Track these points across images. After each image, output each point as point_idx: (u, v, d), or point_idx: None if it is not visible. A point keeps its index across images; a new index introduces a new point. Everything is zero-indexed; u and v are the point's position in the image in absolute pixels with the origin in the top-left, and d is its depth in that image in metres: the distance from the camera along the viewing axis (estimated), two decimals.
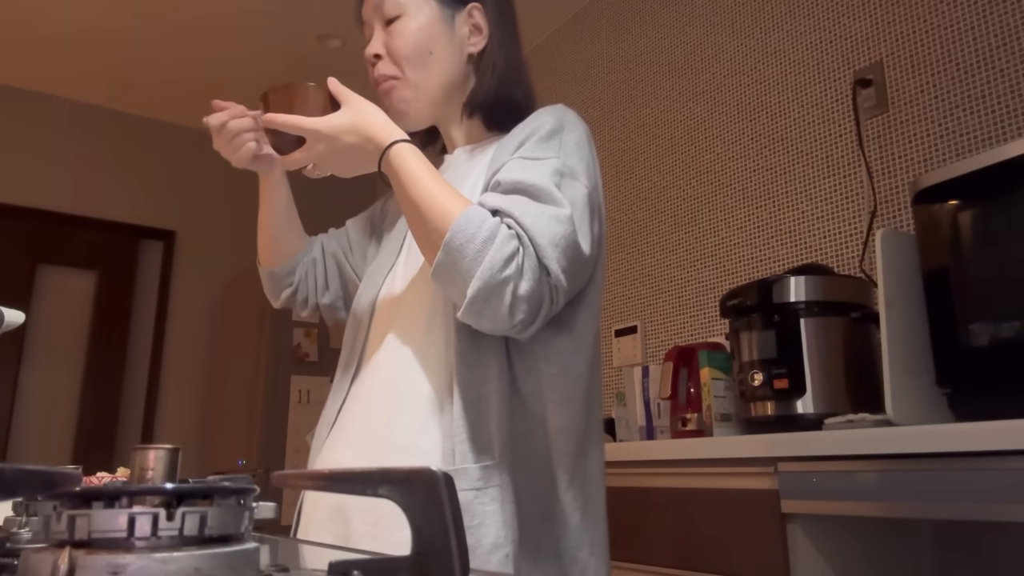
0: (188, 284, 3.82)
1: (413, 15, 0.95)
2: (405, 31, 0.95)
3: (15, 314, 0.77)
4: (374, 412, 0.88)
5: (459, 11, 0.98)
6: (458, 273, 0.75)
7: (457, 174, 0.98)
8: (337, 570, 0.36)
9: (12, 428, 3.34)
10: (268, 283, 1.11)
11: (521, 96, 0.99)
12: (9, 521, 0.44)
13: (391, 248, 1.02)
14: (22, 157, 3.51)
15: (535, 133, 0.88)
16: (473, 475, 0.76)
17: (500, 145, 0.92)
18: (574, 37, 3.03)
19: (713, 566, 1.32)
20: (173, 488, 0.33)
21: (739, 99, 2.27)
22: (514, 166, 0.83)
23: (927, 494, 1.03)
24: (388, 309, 0.95)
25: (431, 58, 0.95)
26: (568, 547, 0.82)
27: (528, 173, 0.81)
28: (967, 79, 1.70)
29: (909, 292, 1.30)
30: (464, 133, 1.02)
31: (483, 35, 0.98)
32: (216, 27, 3.13)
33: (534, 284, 0.75)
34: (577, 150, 0.88)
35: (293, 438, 3.23)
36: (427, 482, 0.35)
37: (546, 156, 0.85)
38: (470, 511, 0.75)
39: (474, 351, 0.81)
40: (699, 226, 2.33)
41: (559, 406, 0.84)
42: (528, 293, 0.75)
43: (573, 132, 0.90)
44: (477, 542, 0.74)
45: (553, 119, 0.90)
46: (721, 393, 1.70)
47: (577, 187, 0.84)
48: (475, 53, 0.98)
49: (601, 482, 0.89)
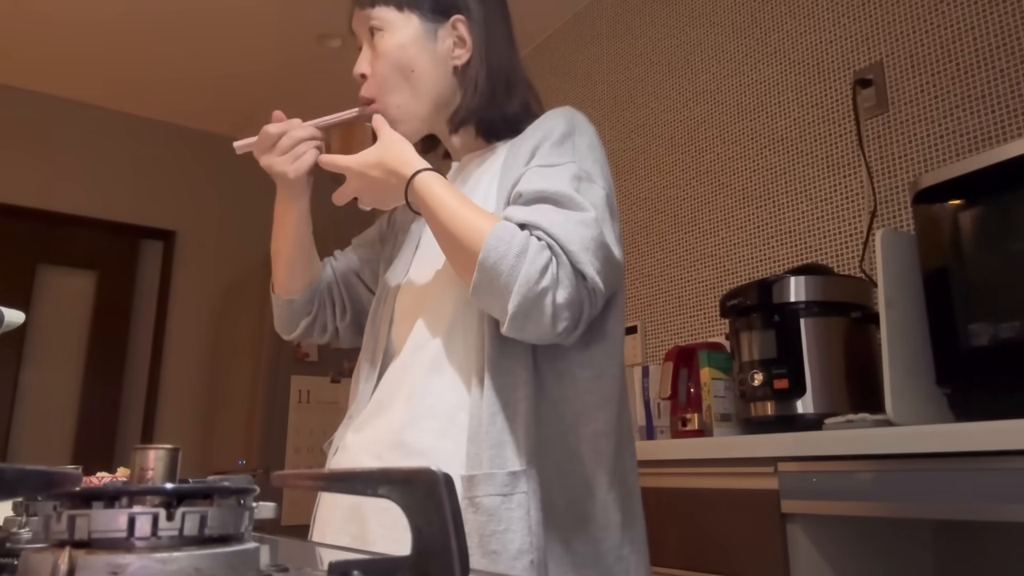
0: (188, 284, 3.82)
1: (395, 31, 0.95)
2: (387, 50, 0.95)
3: (15, 314, 0.77)
4: (395, 418, 0.88)
5: (442, 24, 0.97)
6: (496, 290, 0.76)
7: (468, 179, 0.98)
8: (337, 570, 0.36)
9: (12, 428, 3.34)
10: (285, 313, 1.09)
11: (516, 107, 0.98)
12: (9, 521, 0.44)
13: (406, 255, 1.02)
14: (22, 157, 3.51)
15: (547, 138, 0.88)
16: (500, 481, 0.76)
17: (512, 150, 0.92)
18: (574, 37, 3.03)
19: (713, 566, 1.32)
20: (173, 488, 0.33)
21: (739, 99, 2.27)
22: (533, 175, 0.84)
23: (927, 494, 1.03)
24: (406, 315, 0.95)
25: (414, 76, 0.95)
26: (612, 547, 0.82)
27: (548, 181, 0.82)
28: (967, 79, 1.70)
29: (909, 292, 1.30)
30: (460, 144, 1.02)
31: (467, 48, 0.97)
32: (216, 27, 3.13)
33: (572, 291, 0.77)
34: (590, 153, 0.88)
35: (293, 438, 3.23)
36: (427, 482, 0.35)
37: (562, 161, 0.85)
38: (496, 516, 0.75)
39: (504, 358, 0.81)
40: (699, 226, 2.33)
41: (597, 409, 0.84)
42: (568, 300, 0.76)
43: (585, 135, 0.90)
44: (503, 547, 0.74)
45: (564, 122, 0.90)
46: (721, 393, 1.70)
47: (596, 190, 0.85)
48: (459, 66, 0.97)
49: (636, 481, 0.89)
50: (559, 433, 0.82)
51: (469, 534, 0.73)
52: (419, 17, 0.96)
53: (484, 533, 0.74)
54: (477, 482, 0.76)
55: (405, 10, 0.95)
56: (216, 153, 4.01)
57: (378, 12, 0.95)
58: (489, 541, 0.74)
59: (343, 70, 1.10)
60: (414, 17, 0.95)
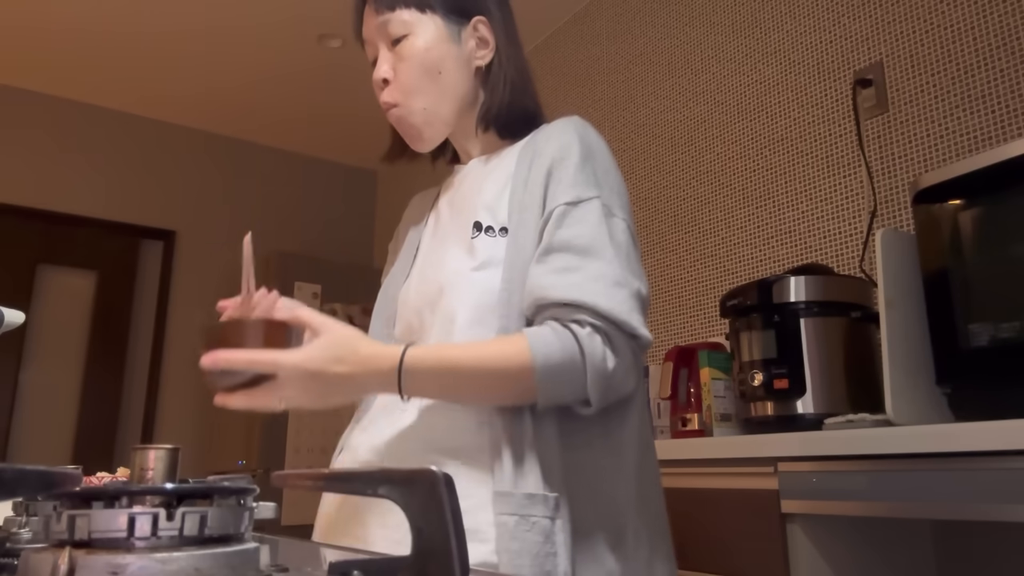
0: (188, 284, 3.82)
1: (420, 33, 0.94)
2: (413, 52, 0.93)
3: (15, 314, 0.77)
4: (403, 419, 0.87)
5: (464, 25, 0.96)
6: (568, 395, 0.78)
7: (473, 184, 0.97)
8: (337, 570, 0.36)
9: (12, 428, 3.34)
10: None
11: (532, 104, 0.99)
12: (9, 521, 0.44)
13: (405, 261, 1.02)
14: (22, 157, 3.51)
15: (565, 159, 0.87)
16: (551, 504, 0.76)
17: (522, 159, 0.91)
18: (574, 37, 3.03)
19: (713, 566, 1.32)
20: (173, 488, 0.33)
21: (739, 99, 2.27)
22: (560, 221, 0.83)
23: (927, 494, 1.03)
24: (411, 321, 0.94)
25: (441, 78, 0.94)
26: (641, 557, 0.82)
27: (574, 230, 0.83)
28: (967, 79, 1.70)
29: (909, 292, 1.30)
30: (479, 145, 1.01)
31: (490, 47, 0.97)
32: (216, 27, 3.13)
33: (629, 355, 0.80)
34: (607, 178, 0.88)
35: (293, 438, 3.23)
36: (427, 482, 0.35)
37: (587, 196, 0.85)
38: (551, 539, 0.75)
39: None
40: (699, 226, 2.33)
41: (620, 424, 0.84)
42: (628, 366, 0.80)
43: (601, 158, 0.89)
44: (554, 568, 0.74)
45: (578, 142, 0.88)
46: (721, 393, 1.70)
47: (617, 224, 0.85)
48: (482, 66, 0.97)
49: (661, 491, 0.90)
50: (591, 455, 0.82)
51: (520, 552, 0.73)
52: (442, 18, 0.95)
53: (539, 553, 0.74)
54: (536, 502, 0.76)
55: (427, 12, 0.95)
56: (216, 153, 4.01)
57: (400, 15, 0.94)
58: (544, 562, 0.74)
59: (343, 70, 1.10)
60: (437, 18, 0.95)
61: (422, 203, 1.10)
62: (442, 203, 1.02)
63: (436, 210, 1.04)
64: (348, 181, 4.38)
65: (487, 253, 0.87)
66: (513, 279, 0.84)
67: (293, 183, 4.19)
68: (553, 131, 0.91)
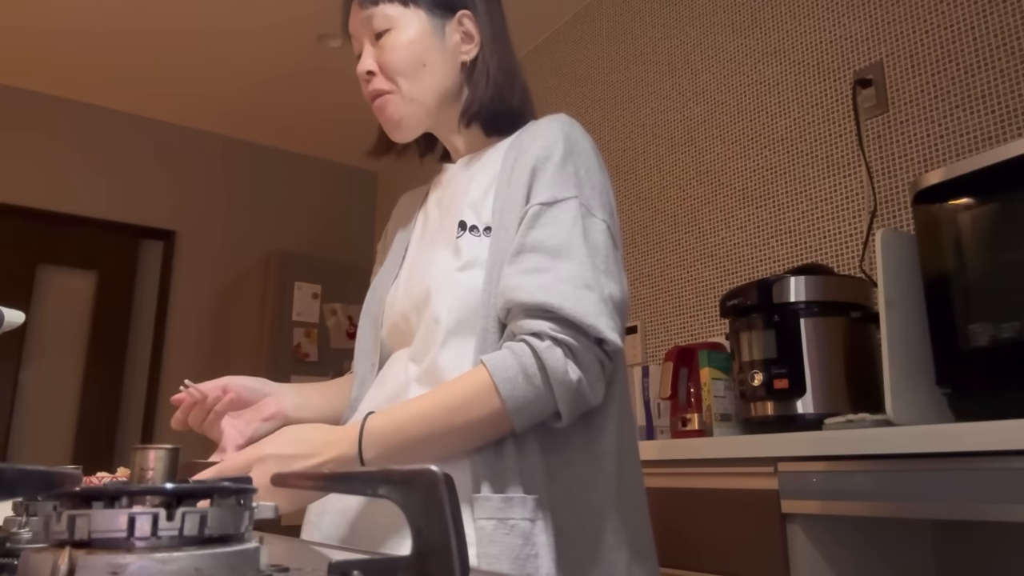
0: (188, 284, 3.82)
1: (403, 27, 0.94)
2: (397, 45, 0.94)
3: (15, 314, 0.77)
4: None
5: (449, 20, 0.97)
6: (539, 414, 0.78)
7: (460, 183, 0.96)
8: (337, 570, 0.36)
9: (12, 428, 3.34)
10: None
11: (517, 100, 0.99)
12: (9, 521, 0.44)
13: (393, 263, 1.01)
14: (23, 157, 3.51)
15: (548, 158, 0.86)
16: (531, 506, 0.76)
17: (508, 158, 0.91)
18: (574, 37, 3.03)
19: (713, 566, 1.32)
20: (173, 488, 0.33)
21: (739, 99, 2.27)
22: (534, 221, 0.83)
23: (927, 494, 1.03)
24: (397, 325, 0.94)
25: (424, 70, 0.94)
26: (621, 560, 0.81)
27: (547, 230, 0.82)
28: (967, 79, 1.70)
29: (909, 292, 1.30)
30: (464, 141, 1.01)
31: (475, 43, 0.97)
32: (215, 27, 3.13)
33: (595, 365, 0.79)
34: (589, 177, 0.87)
35: None
36: (427, 482, 0.35)
37: (564, 196, 0.84)
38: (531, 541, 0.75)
39: None
40: (699, 226, 2.33)
41: (598, 430, 0.83)
42: (595, 376, 0.79)
43: (584, 157, 0.88)
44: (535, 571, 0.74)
45: (562, 141, 0.88)
46: (721, 393, 1.70)
47: (595, 224, 0.84)
48: (467, 61, 0.97)
49: (642, 492, 0.89)
50: (568, 458, 0.82)
51: (499, 556, 0.73)
52: (426, 12, 0.95)
53: (519, 556, 0.74)
54: (513, 504, 0.76)
55: (411, 6, 0.95)
56: (216, 153, 4.01)
57: (384, 9, 0.94)
58: (524, 564, 0.74)
59: (343, 70, 1.10)
60: (421, 12, 0.95)
61: (411, 202, 1.10)
62: (431, 202, 1.02)
63: (425, 209, 1.03)
64: (348, 181, 4.39)
65: (471, 253, 0.87)
66: (494, 280, 0.83)
67: (293, 183, 4.19)
68: (539, 130, 0.91)
